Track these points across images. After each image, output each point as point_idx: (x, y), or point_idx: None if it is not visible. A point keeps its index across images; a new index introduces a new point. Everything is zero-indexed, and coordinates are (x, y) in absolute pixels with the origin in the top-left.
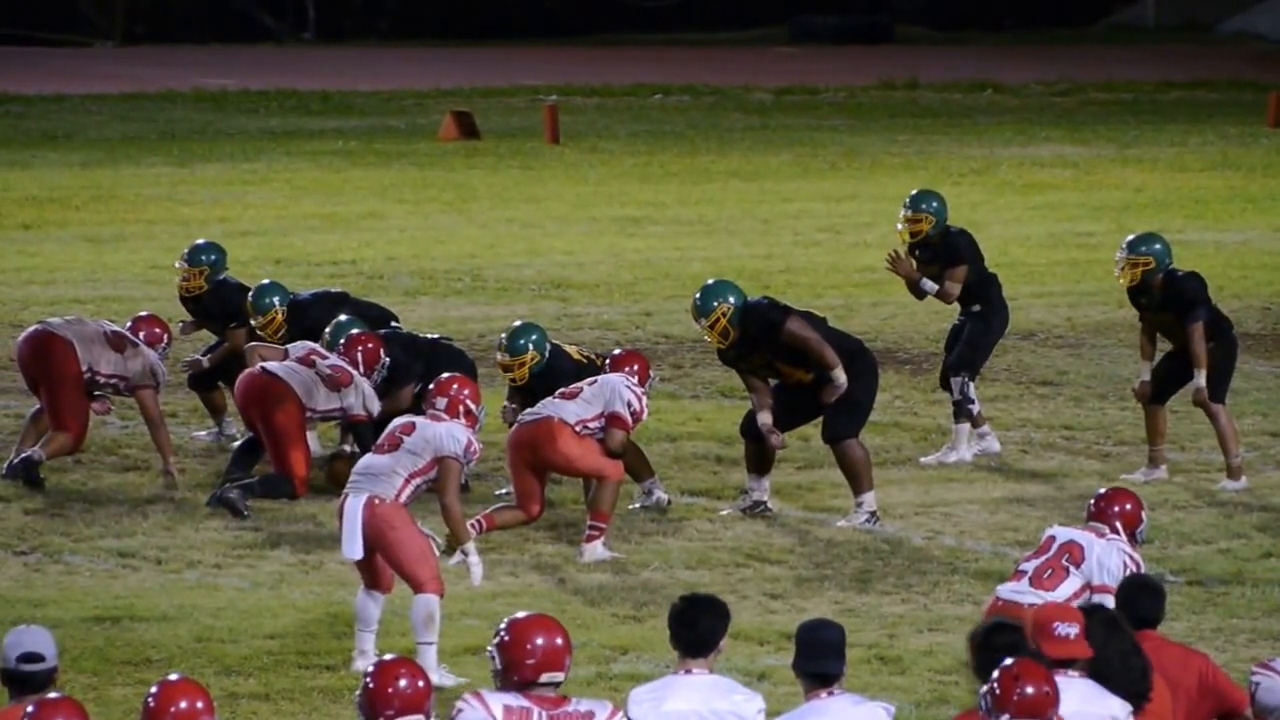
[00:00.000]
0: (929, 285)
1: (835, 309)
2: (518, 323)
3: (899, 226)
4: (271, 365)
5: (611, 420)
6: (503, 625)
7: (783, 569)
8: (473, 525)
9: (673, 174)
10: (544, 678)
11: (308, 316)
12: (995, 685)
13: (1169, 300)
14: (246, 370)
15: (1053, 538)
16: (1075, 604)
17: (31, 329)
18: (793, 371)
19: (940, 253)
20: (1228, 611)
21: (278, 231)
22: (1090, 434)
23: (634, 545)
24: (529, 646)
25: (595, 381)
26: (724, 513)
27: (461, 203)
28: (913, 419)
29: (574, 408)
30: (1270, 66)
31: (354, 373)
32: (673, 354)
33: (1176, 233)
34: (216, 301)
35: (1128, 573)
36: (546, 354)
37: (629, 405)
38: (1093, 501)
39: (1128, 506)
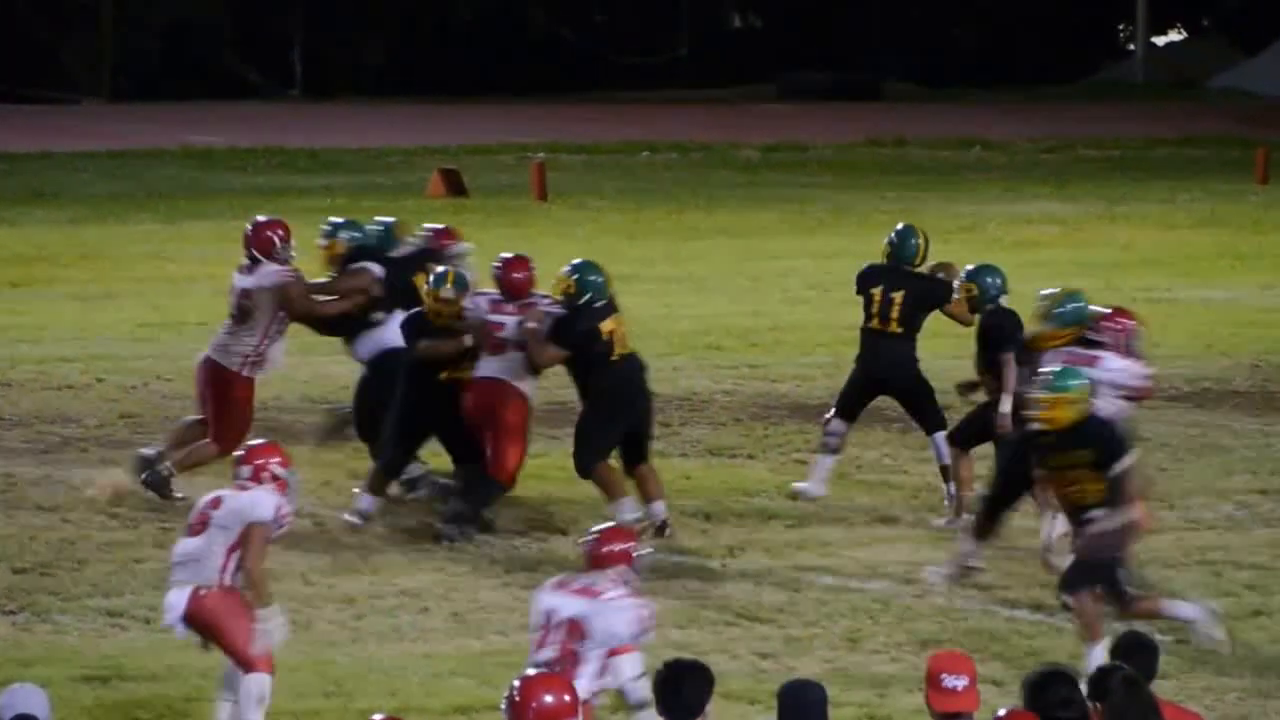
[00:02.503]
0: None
1: (824, 366)
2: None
3: None
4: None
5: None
6: (516, 682)
7: (772, 628)
8: None
9: (660, 231)
10: None
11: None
12: None
13: (984, 331)
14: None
15: (548, 614)
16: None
17: (201, 357)
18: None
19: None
20: (1217, 670)
21: None
22: None
23: None
24: (530, 705)
25: None
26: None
27: None
28: (903, 477)
29: None
30: (1258, 123)
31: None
32: (661, 412)
33: (1165, 290)
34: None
35: (640, 624)
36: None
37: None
38: (587, 547)
39: (618, 547)
